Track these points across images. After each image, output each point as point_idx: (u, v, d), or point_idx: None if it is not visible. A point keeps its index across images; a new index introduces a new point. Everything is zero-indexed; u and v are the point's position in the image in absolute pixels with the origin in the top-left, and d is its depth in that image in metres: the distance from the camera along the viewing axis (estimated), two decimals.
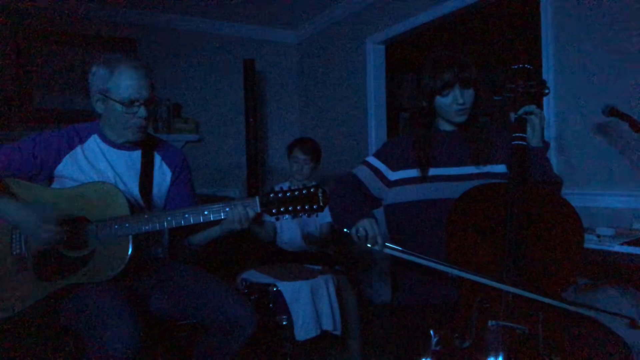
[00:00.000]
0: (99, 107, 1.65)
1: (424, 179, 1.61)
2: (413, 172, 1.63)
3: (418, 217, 1.60)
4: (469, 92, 1.59)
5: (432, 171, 1.62)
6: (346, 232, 1.48)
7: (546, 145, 1.57)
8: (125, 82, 1.59)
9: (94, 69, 1.63)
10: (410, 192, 1.63)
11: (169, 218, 1.53)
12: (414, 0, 3.26)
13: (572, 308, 1.26)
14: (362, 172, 1.70)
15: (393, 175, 1.67)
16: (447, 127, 1.69)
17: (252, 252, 3.05)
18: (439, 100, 1.60)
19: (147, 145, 1.77)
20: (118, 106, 1.60)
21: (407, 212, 1.63)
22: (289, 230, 2.80)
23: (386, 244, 1.40)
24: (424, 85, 1.62)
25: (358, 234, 1.43)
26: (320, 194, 1.51)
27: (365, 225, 1.43)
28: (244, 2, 3.84)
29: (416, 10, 3.24)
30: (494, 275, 1.30)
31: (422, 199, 1.60)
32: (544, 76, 2.43)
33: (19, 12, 3.56)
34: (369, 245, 1.42)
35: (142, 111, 1.61)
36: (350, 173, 1.72)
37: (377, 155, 1.73)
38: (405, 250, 1.38)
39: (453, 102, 1.58)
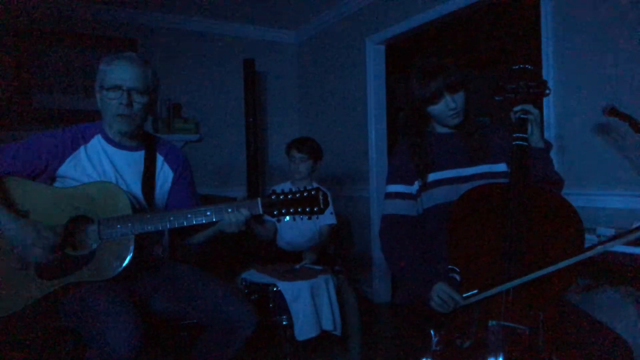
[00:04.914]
0: (98, 102, 1.67)
1: (425, 185, 1.61)
2: (420, 182, 1.63)
3: (428, 224, 1.61)
4: (459, 95, 1.58)
5: (434, 175, 1.61)
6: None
7: (548, 146, 1.57)
8: (114, 71, 1.62)
9: (99, 67, 1.66)
10: (422, 202, 1.63)
11: (171, 218, 1.53)
12: (414, 0, 3.26)
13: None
14: (394, 205, 1.64)
15: (412, 189, 1.66)
16: (443, 129, 1.69)
17: (252, 252, 3.05)
18: (431, 108, 1.60)
19: (149, 146, 1.77)
20: (104, 93, 1.63)
21: (421, 223, 1.63)
22: (289, 230, 2.80)
23: (463, 296, 1.35)
24: (413, 94, 1.61)
25: (436, 304, 1.39)
26: (320, 196, 1.52)
27: (439, 294, 1.38)
28: (244, 2, 3.84)
29: (416, 10, 3.24)
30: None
31: (430, 205, 1.60)
32: (544, 76, 2.42)
33: (18, 12, 3.56)
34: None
35: (124, 97, 1.61)
36: (384, 216, 1.65)
37: (391, 180, 1.69)
38: (482, 290, 1.32)
39: (445, 108, 1.58)
